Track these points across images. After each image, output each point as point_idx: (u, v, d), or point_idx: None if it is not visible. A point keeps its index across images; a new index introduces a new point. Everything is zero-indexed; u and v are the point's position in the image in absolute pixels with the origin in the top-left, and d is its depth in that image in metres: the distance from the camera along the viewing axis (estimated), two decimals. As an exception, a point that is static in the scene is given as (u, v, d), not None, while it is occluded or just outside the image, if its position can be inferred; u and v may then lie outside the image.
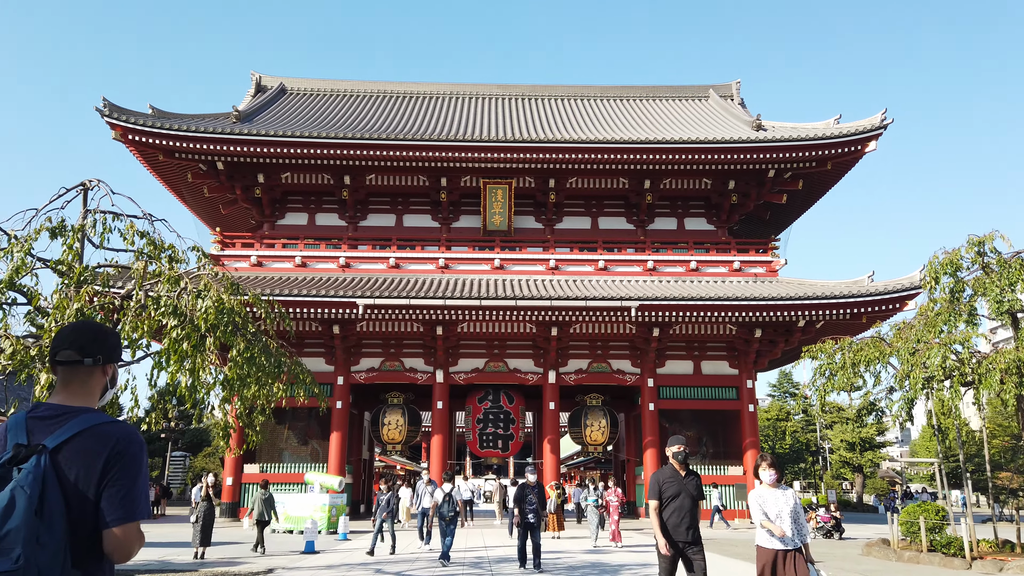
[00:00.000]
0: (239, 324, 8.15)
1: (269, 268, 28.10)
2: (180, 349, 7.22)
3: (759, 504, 6.48)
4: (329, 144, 26.35)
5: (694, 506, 6.83)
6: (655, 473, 6.96)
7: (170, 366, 7.25)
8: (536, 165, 27.90)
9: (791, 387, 60.25)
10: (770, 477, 6.54)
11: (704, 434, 28.18)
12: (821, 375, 14.08)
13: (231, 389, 7.94)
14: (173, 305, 7.23)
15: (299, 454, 27.97)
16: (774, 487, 6.57)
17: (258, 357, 8.05)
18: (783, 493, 6.52)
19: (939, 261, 13.01)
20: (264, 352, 8.13)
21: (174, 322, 7.21)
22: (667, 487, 6.79)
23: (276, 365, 8.59)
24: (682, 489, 6.75)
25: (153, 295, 7.50)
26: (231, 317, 7.65)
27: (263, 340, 8.31)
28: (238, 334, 8.03)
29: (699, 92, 35.09)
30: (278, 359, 8.61)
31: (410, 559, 14.00)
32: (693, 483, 6.90)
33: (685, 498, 6.74)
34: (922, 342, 12.53)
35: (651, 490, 6.87)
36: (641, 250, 29.05)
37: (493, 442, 28.72)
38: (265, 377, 8.18)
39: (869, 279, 25.86)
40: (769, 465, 6.60)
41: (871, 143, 26.63)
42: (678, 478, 6.82)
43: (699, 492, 6.98)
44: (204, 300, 7.48)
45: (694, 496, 6.85)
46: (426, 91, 34.89)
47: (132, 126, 25.80)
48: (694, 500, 6.83)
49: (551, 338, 27.60)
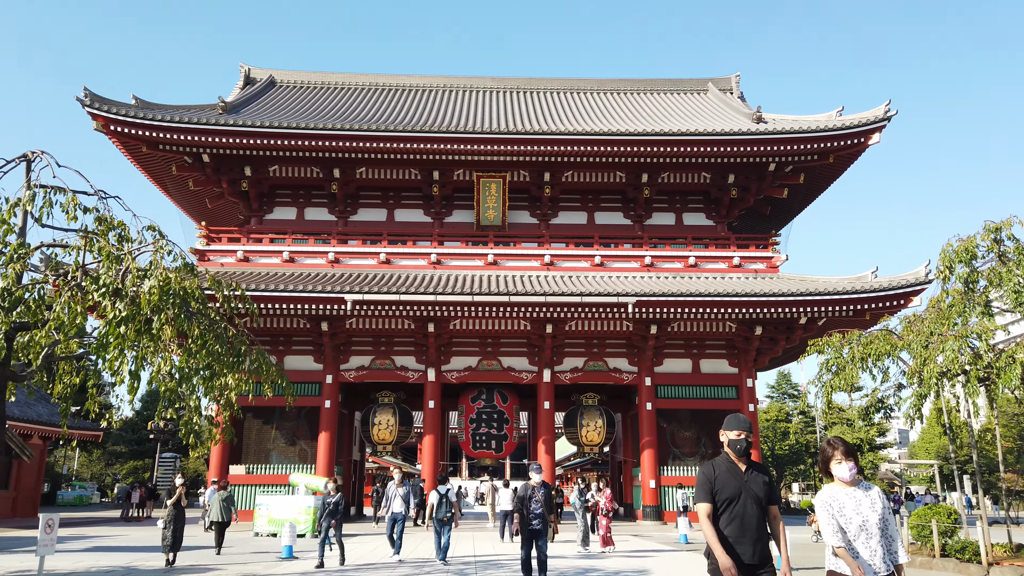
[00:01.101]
0: (194, 309, 7.39)
1: (256, 263, 27.33)
2: (117, 333, 6.47)
3: (831, 514, 4.62)
4: (318, 135, 25.60)
5: (761, 513, 4.85)
6: (705, 467, 5.02)
7: (108, 353, 6.51)
8: (531, 158, 27.17)
9: (790, 388, 59.57)
10: (848, 472, 4.65)
11: (703, 434, 27.42)
12: (828, 370, 13.34)
13: (180, 380, 7.17)
14: (114, 285, 6.48)
15: (287, 455, 27.18)
16: (852, 486, 4.68)
17: (211, 344, 7.28)
18: (866, 494, 4.64)
19: (953, 249, 12.28)
20: (219, 339, 7.35)
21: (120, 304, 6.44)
22: (723, 486, 4.87)
23: (235, 355, 7.80)
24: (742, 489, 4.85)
25: (92, 274, 6.76)
26: (179, 299, 6.89)
27: (220, 326, 7.53)
28: (193, 320, 7.27)
29: (698, 85, 34.38)
30: (236, 348, 7.82)
31: (375, 565, 13.22)
32: (759, 481, 4.91)
33: (748, 502, 4.82)
34: (936, 335, 11.81)
35: (699, 490, 4.94)
36: (638, 245, 28.32)
37: (486, 442, 27.96)
38: (221, 367, 7.41)
39: (873, 275, 25.15)
40: (845, 455, 4.68)
41: (874, 135, 25.92)
42: (736, 474, 4.90)
43: (769, 494, 4.93)
44: (149, 280, 6.72)
45: (761, 499, 4.86)
46: (419, 84, 34.15)
47: (114, 116, 25.05)
48: (761, 505, 4.86)
49: (546, 335, 26.85)
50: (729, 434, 5.01)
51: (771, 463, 48.17)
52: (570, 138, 26.02)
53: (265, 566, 12.87)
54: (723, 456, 5.01)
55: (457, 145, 26.21)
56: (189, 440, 9.19)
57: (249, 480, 26.20)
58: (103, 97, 25.13)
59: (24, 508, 28.52)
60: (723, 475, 4.89)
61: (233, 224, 30.52)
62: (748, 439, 4.98)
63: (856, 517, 4.54)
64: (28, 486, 28.95)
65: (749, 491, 4.81)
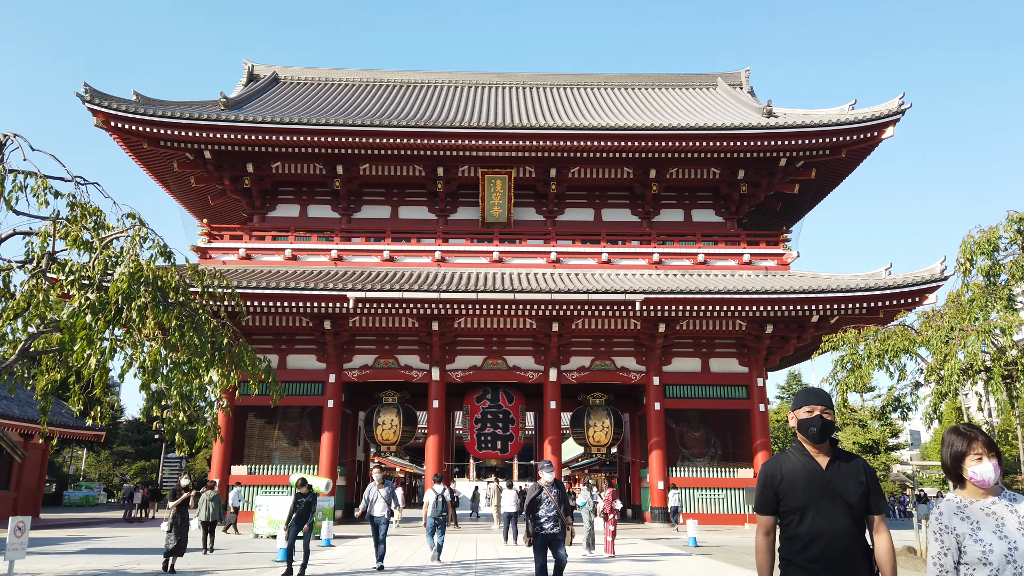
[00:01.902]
0: (172, 300, 6.96)
1: (258, 261, 26.99)
2: (84, 322, 6.06)
3: (955, 537, 3.01)
4: (321, 131, 25.23)
5: (856, 528, 3.35)
6: (768, 463, 3.57)
7: (75, 344, 6.10)
8: (537, 154, 26.71)
9: (799, 388, 58.89)
10: (993, 473, 3.06)
11: (712, 435, 26.89)
12: (843, 367, 12.83)
13: (152, 374, 6.74)
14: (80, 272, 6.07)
15: (290, 455, 26.83)
16: (991, 495, 3.08)
17: (187, 335, 6.86)
18: (1011, 509, 3.03)
19: (974, 240, 11.74)
20: (196, 331, 6.93)
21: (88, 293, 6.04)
22: (791, 489, 3.41)
23: (217, 348, 7.36)
24: (822, 492, 3.36)
25: (61, 261, 6.37)
26: (152, 287, 6.47)
27: (200, 318, 7.10)
28: (171, 310, 6.85)
29: (707, 80, 33.84)
30: (218, 341, 7.38)
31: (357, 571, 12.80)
32: (850, 479, 3.39)
33: (833, 512, 3.33)
34: (957, 329, 11.28)
35: (758, 495, 3.55)
36: (646, 243, 27.82)
37: (492, 443, 27.50)
38: (199, 361, 6.99)
39: (887, 272, 24.55)
40: (986, 448, 3.08)
41: (888, 129, 25.33)
42: (812, 470, 3.41)
43: (867, 497, 3.37)
44: (119, 266, 6.31)
45: (854, 506, 3.34)
46: (424, 80, 33.75)
47: (115, 112, 24.74)
48: (855, 515, 3.34)
49: (552, 334, 26.38)
50: (798, 413, 3.52)
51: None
52: (577, 133, 25.54)
53: (258, 570, 12.45)
54: (795, 448, 3.55)
55: (462, 140, 25.78)
56: (176, 439, 8.79)
57: (251, 480, 25.85)
58: (103, 93, 24.83)
59: (26, 509, 28.23)
60: (792, 473, 3.42)
61: (236, 222, 30.21)
62: (827, 418, 3.44)
63: (999, 544, 2.93)
64: (30, 486, 28.68)
65: (833, 495, 3.32)
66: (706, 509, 25.71)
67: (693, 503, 25.89)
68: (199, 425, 8.38)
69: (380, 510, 12.74)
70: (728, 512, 25.81)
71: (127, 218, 7.70)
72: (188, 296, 7.58)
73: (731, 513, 25.78)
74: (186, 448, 8.70)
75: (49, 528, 24.00)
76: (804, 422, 3.48)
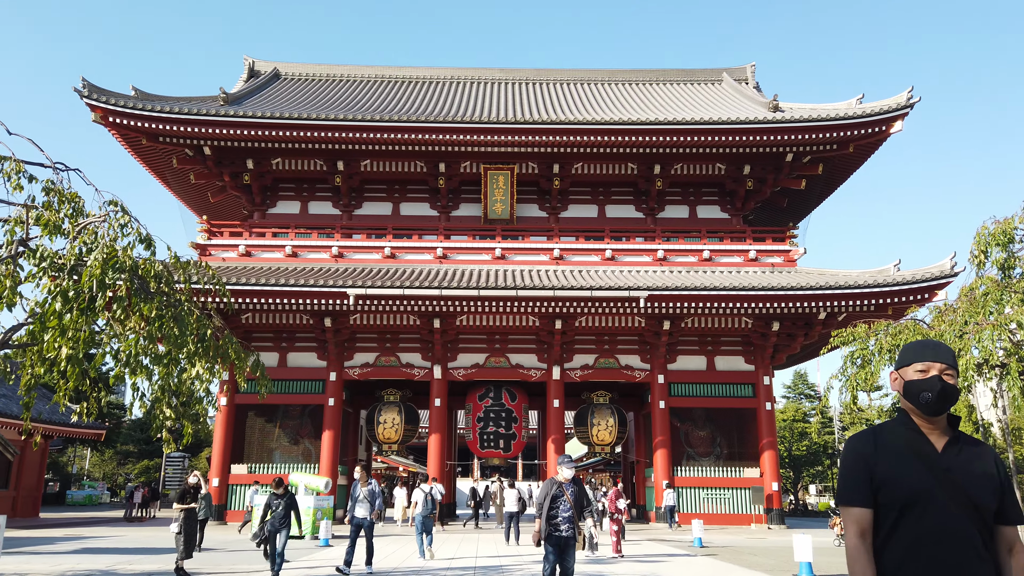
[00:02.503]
0: (154, 288, 6.66)
1: (258, 258, 26.73)
2: (54, 310, 5.75)
3: None
4: (321, 126, 24.95)
5: (981, 538, 2.38)
6: (857, 439, 2.60)
7: (45, 334, 5.80)
8: (540, 149, 26.39)
9: (807, 388, 58.39)
10: None
11: (718, 434, 26.52)
12: (852, 363, 12.45)
13: (127, 365, 6.43)
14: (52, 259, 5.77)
15: (291, 454, 26.56)
16: None
17: (167, 325, 6.54)
18: None
19: (989, 232, 11.35)
20: (177, 322, 6.61)
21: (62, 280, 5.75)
22: (894, 474, 2.44)
23: (200, 341, 7.05)
24: (939, 485, 2.39)
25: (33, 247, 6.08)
26: (129, 274, 6.17)
27: (181, 308, 6.79)
28: (151, 300, 6.54)
29: (712, 76, 33.46)
30: (202, 332, 7.06)
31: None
32: (977, 471, 2.45)
33: (949, 511, 2.38)
34: (972, 323, 10.90)
35: (848, 480, 2.53)
36: (651, 239, 27.46)
37: (494, 442, 27.17)
38: (177, 353, 6.68)
39: (895, 268, 24.14)
40: None
41: (897, 123, 24.93)
42: (926, 454, 2.46)
43: (998, 496, 2.43)
44: (94, 252, 6.01)
45: (981, 507, 2.40)
46: (426, 76, 33.45)
47: (113, 108, 24.51)
48: (982, 521, 2.40)
49: (555, 332, 26.05)
50: (906, 372, 2.56)
51: (788, 464, 47.14)
52: (580, 127, 25.22)
53: (248, 571, 12.14)
54: (898, 417, 2.60)
55: (463, 136, 25.48)
56: (164, 436, 8.50)
57: (251, 480, 25.53)
58: (101, 88, 24.60)
59: (25, 508, 28.04)
60: (894, 452, 2.47)
61: (237, 218, 29.94)
62: (948, 381, 2.48)
63: None
64: (29, 485, 28.46)
65: (954, 490, 2.38)
66: (712, 509, 25.34)
67: (699, 503, 25.54)
68: (185, 421, 8.07)
69: (363, 511, 11.83)
70: (734, 512, 25.44)
71: (108, 205, 7.40)
72: (172, 287, 7.29)
73: (737, 513, 25.40)
74: (172, 445, 8.39)
75: (47, 527, 23.77)
76: (914, 385, 2.47)
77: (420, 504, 14.25)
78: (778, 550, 16.75)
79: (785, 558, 14.64)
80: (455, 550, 15.98)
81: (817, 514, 40.26)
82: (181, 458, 48.45)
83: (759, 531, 23.71)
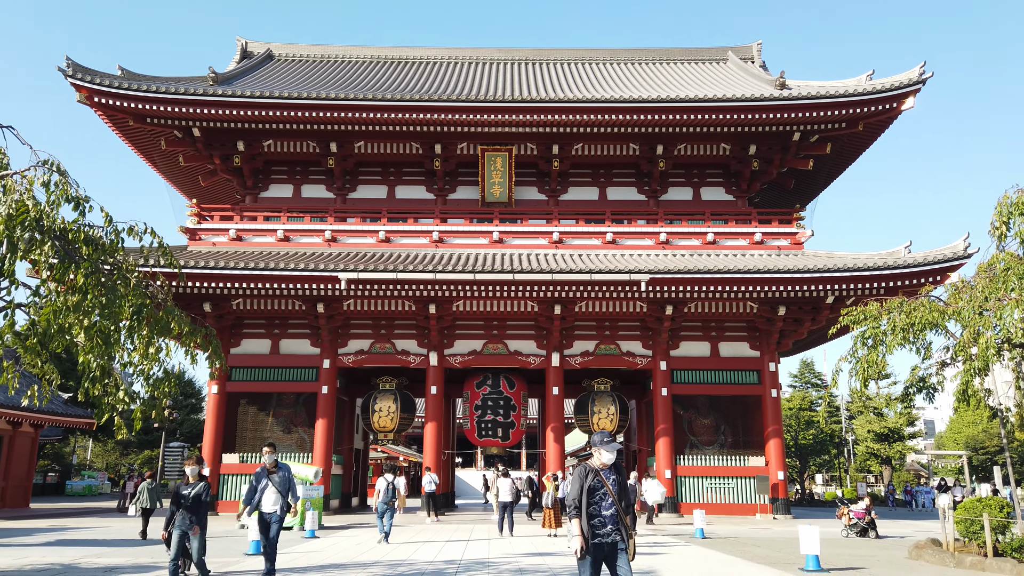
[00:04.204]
0: (87, 254, 5.95)
1: (250, 243, 26.03)
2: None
3: None
4: (313, 106, 24.18)
5: None
6: None
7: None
8: (539, 129, 25.59)
9: (813, 377, 57.58)
10: None
11: (722, 422, 25.78)
12: (863, 343, 11.68)
13: (39, 337, 5.72)
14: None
15: (284, 443, 25.93)
16: None
17: (91, 292, 5.84)
18: None
19: (1011, 201, 10.57)
20: (106, 290, 5.88)
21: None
22: None
23: (137, 312, 6.32)
24: None
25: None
26: (47, 235, 5.47)
27: (113, 277, 6.05)
28: (74, 264, 5.83)
29: (717, 55, 32.52)
30: (137, 303, 6.31)
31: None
32: None
33: None
34: (993, 299, 10.13)
35: None
36: (653, 222, 26.64)
37: (492, 430, 26.50)
38: (107, 324, 5.96)
39: (906, 250, 23.29)
40: None
41: (908, 100, 24.01)
42: None
43: None
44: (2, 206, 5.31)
45: None
46: (423, 56, 32.61)
47: (99, 87, 23.80)
48: None
49: (554, 317, 25.32)
50: None
51: (795, 453, 46.34)
52: (580, 106, 24.38)
53: (224, 563, 11.49)
54: None
55: (460, 115, 24.68)
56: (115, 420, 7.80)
57: (243, 470, 24.98)
58: (86, 67, 23.88)
59: (15, 498, 27.56)
60: None
61: (230, 203, 29.21)
62: None
63: None
64: (18, 475, 27.96)
65: None
66: (715, 499, 24.64)
67: (702, 493, 24.84)
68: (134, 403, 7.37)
69: (271, 504, 9.44)
70: (738, 502, 24.73)
71: (42, 165, 6.68)
72: (112, 255, 6.57)
73: (741, 503, 24.69)
74: (124, 431, 7.69)
75: (36, 518, 23.23)
76: None
77: (382, 492, 15.31)
78: (783, 541, 16.04)
79: (790, 550, 13.93)
80: (441, 546, 15.32)
81: (824, 504, 39.52)
82: (180, 448, 47.99)
83: (764, 521, 23.00)
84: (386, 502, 15.22)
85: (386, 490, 15.38)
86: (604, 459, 5.98)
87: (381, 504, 15.23)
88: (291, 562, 11.71)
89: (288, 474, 9.75)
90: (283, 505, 9.48)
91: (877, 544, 16.74)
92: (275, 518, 9.42)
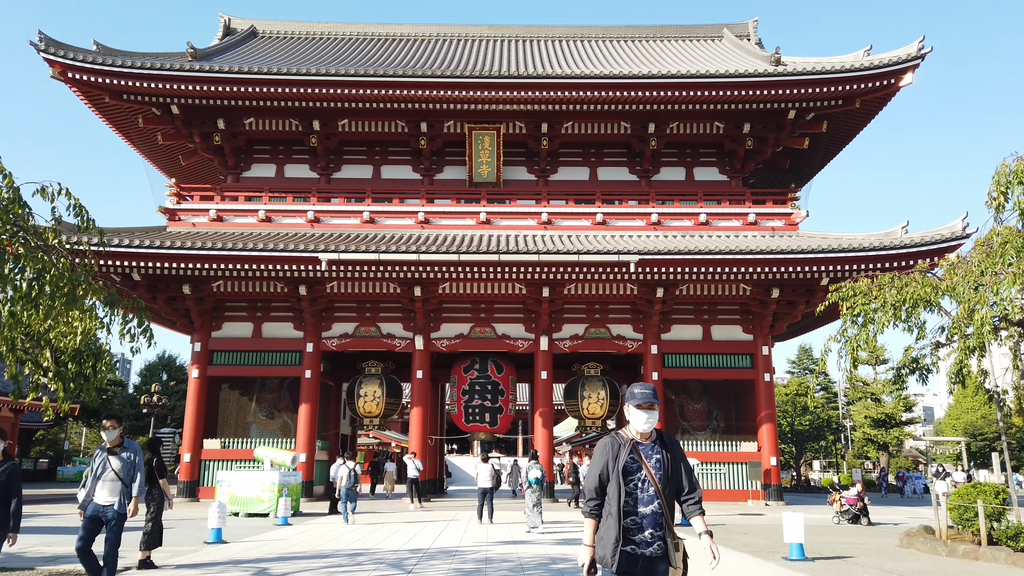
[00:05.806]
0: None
1: (231, 223, 25.41)
2: None
3: None
4: (293, 82, 23.48)
5: None
6: None
7: None
8: (528, 107, 24.89)
9: (811, 363, 57.05)
10: None
11: (714, 406, 25.27)
12: (853, 322, 11.10)
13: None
14: None
15: (268, 428, 25.45)
16: None
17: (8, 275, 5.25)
18: None
19: (1010, 169, 9.94)
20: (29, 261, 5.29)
21: None
22: None
23: (37, 277, 5.73)
24: None
25: None
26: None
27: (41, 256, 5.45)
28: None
29: (712, 32, 31.73)
30: (36, 268, 5.72)
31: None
32: None
33: None
34: (990, 273, 9.52)
35: None
36: (644, 202, 26.00)
37: (480, 415, 25.97)
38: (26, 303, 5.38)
39: (903, 230, 22.67)
40: None
41: (906, 75, 23.29)
42: None
43: None
44: None
45: None
46: (411, 33, 31.82)
47: (73, 62, 23.09)
48: None
49: (543, 300, 24.73)
50: None
51: (791, 439, 45.90)
52: (570, 82, 23.67)
53: (174, 552, 10.94)
54: None
55: (447, 91, 23.97)
56: (45, 403, 7.23)
57: (224, 455, 24.46)
58: (60, 42, 23.17)
59: (-5, 484, 27.02)
60: None
61: (212, 183, 28.58)
62: None
63: None
64: (-2, 461, 27.43)
65: None
66: (706, 485, 24.13)
67: (693, 479, 24.30)
68: (54, 382, 6.78)
69: (107, 495, 7.35)
70: (730, 488, 24.24)
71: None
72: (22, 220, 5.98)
73: (733, 489, 24.21)
74: (51, 412, 7.13)
75: (11, 504, 22.71)
76: None
77: (344, 478, 16.01)
78: (772, 528, 15.52)
79: (777, 538, 13.41)
80: (413, 536, 14.80)
81: (819, 490, 39.08)
82: (171, 433, 47.58)
83: (755, 508, 22.50)
84: (349, 487, 15.99)
85: (348, 476, 16.02)
86: (641, 428, 4.11)
87: (344, 489, 15.96)
88: (244, 552, 11.15)
89: (135, 456, 7.57)
90: (125, 496, 7.33)
91: (868, 531, 16.22)
92: (112, 514, 7.29)
